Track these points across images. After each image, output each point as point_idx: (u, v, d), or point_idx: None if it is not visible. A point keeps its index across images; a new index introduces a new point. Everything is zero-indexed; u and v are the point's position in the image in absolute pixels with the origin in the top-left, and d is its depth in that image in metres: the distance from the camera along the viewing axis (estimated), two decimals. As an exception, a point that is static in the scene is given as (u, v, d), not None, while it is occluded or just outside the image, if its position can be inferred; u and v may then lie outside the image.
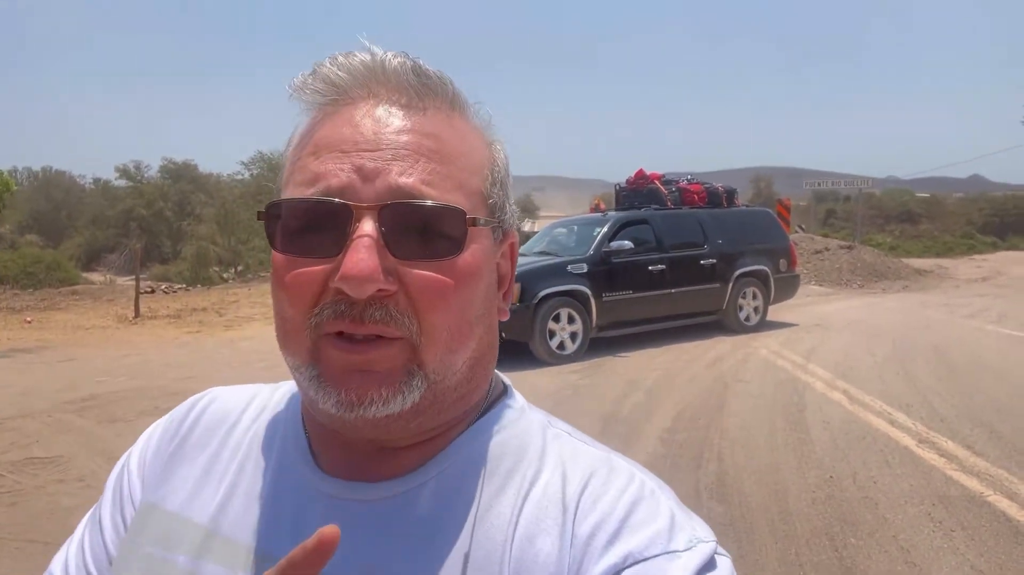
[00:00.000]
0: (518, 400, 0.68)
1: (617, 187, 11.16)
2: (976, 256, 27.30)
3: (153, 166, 47.17)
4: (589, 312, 8.70)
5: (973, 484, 4.28)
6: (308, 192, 0.56)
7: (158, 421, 0.74)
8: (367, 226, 0.54)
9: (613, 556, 0.54)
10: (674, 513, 0.58)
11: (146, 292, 16.17)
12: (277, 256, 0.57)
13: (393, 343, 0.55)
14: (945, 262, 23.72)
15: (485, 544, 0.56)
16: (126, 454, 0.73)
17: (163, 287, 18.92)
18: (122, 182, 46.02)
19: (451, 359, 0.58)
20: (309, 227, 0.56)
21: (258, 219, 0.59)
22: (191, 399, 0.74)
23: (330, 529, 0.43)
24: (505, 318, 0.66)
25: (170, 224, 41.77)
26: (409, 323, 0.55)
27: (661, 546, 0.54)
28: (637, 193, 10.65)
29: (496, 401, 0.67)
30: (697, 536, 0.56)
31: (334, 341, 0.55)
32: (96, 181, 54.71)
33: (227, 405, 0.71)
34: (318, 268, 0.55)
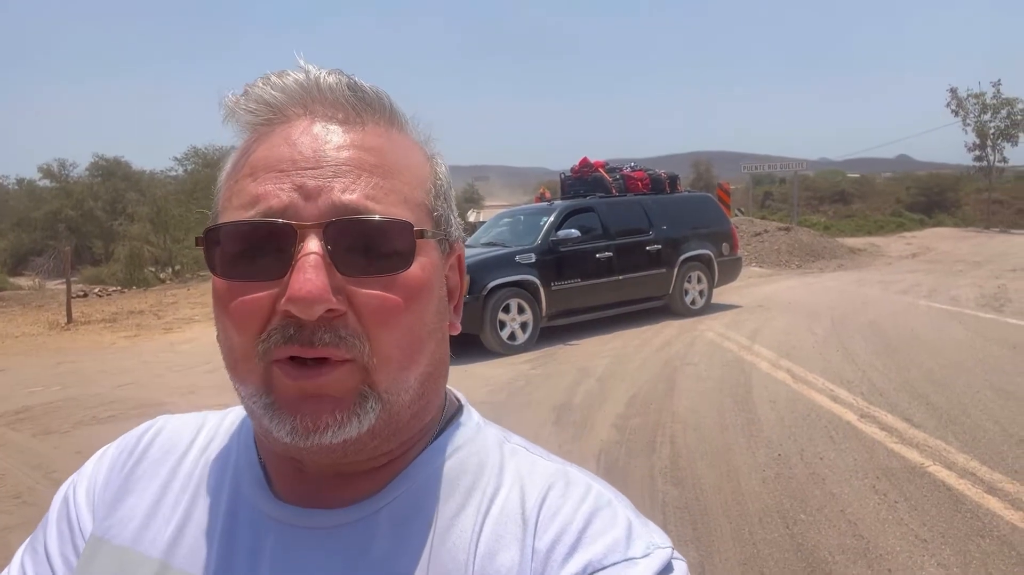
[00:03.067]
0: (473, 416, 0.68)
1: (562, 176, 11.21)
2: (906, 233, 28.41)
3: (83, 164, 45.20)
4: (539, 301, 8.73)
5: (913, 456, 4.45)
6: (248, 214, 0.54)
7: (104, 449, 0.71)
8: (312, 245, 0.52)
9: (573, 566, 0.55)
10: (631, 521, 0.59)
11: (78, 296, 15.55)
12: (219, 282, 0.55)
13: (343, 366, 0.54)
14: (877, 240, 24.63)
15: (448, 563, 0.56)
16: (69, 484, 0.69)
17: (96, 290, 18.20)
18: (46, 182, 44.00)
19: (403, 376, 0.57)
20: (251, 250, 0.54)
21: (196, 245, 0.57)
22: (140, 427, 0.71)
23: None
24: (456, 332, 0.65)
25: (101, 224, 40.15)
26: (360, 345, 0.54)
27: (619, 554, 0.55)
28: (582, 181, 10.71)
29: (451, 419, 0.66)
30: (654, 542, 0.57)
31: (285, 368, 0.54)
32: (20, 181, 52.17)
33: (176, 434, 0.69)
34: (263, 293, 0.53)
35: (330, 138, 0.56)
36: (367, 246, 0.54)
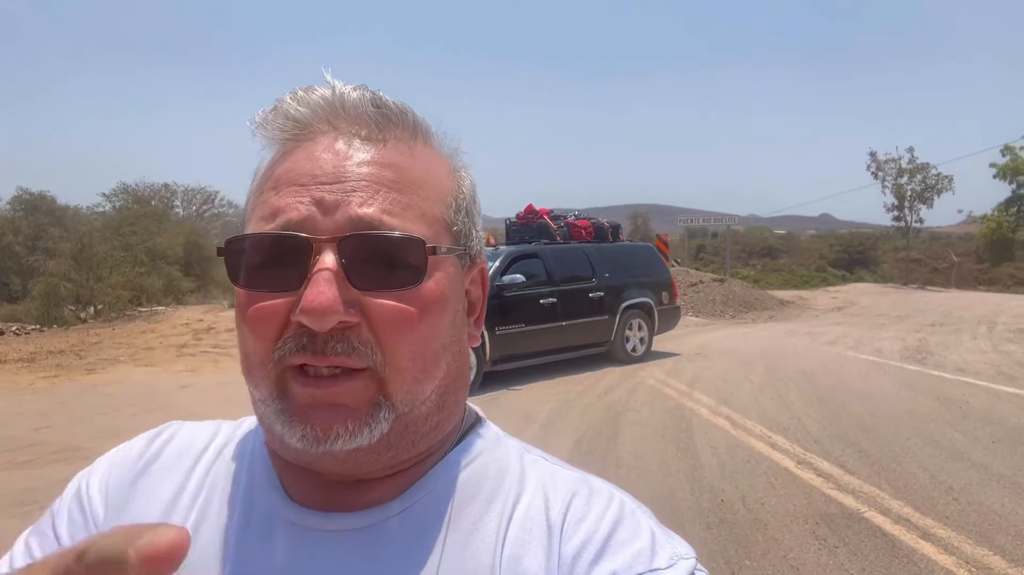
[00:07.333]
0: (492, 429, 0.69)
1: (507, 222, 11.31)
2: (830, 288, 29.63)
3: (5, 196, 43.33)
4: (483, 346, 8.68)
5: (850, 502, 4.56)
6: (269, 227, 0.56)
7: (116, 449, 0.70)
8: (327, 259, 0.54)
9: (599, 574, 0.56)
10: (654, 531, 0.59)
11: (-7, 334, 14.68)
12: (240, 291, 0.57)
13: (359, 376, 0.55)
14: (804, 293, 25.59)
15: (472, 566, 0.57)
16: (81, 478, 0.68)
17: (14, 328, 17.23)
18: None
19: (418, 389, 0.58)
20: (270, 261, 0.56)
21: (218, 255, 0.58)
22: (150, 432, 0.71)
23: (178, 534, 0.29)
24: (476, 343, 0.67)
25: (20, 260, 38.28)
26: (373, 354, 0.55)
27: (644, 564, 0.56)
28: (527, 227, 10.83)
29: (470, 430, 0.67)
30: (677, 553, 0.58)
31: (298, 376, 0.55)
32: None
33: (190, 438, 0.69)
34: (279, 302, 0.55)
35: (351, 154, 0.58)
36: (381, 260, 0.55)
